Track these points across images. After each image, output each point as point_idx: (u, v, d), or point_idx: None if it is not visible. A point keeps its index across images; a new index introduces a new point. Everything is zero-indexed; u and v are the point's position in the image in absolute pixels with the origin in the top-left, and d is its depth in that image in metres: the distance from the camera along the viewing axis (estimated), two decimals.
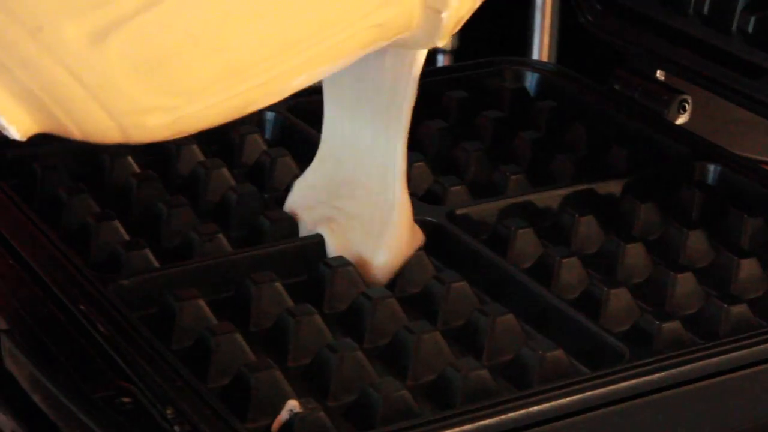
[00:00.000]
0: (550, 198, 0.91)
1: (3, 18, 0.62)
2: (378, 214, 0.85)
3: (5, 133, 0.68)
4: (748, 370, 0.76)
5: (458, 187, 0.95)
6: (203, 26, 0.65)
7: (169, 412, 0.69)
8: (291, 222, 0.89)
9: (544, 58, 2.24)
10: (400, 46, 0.78)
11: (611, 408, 0.73)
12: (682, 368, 0.75)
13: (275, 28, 0.67)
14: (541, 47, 2.68)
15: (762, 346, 0.77)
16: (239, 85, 0.68)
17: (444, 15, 0.75)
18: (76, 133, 0.68)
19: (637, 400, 0.73)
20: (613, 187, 0.95)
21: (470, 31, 2.70)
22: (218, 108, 0.69)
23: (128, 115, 0.67)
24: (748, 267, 0.87)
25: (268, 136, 1.04)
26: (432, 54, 3.00)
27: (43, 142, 0.95)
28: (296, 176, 0.92)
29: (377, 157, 0.86)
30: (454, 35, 2.85)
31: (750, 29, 1.00)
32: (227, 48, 0.66)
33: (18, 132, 0.67)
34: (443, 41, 0.79)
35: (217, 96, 0.68)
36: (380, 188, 0.86)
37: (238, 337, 0.76)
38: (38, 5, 0.62)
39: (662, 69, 1.07)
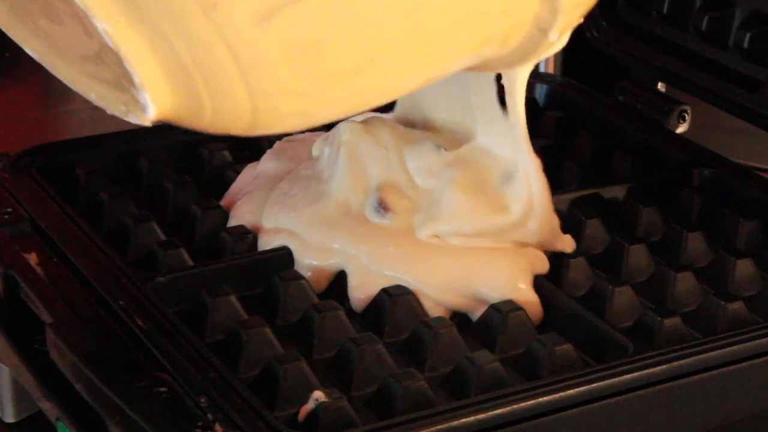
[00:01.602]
0: (558, 202, 0.90)
1: None
2: None
3: (127, 116, 0.68)
4: (744, 364, 0.76)
5: None
6: (356, 13, 0.64)
7: (202, 400, 0.69)
8: None
9: (550, 71, 2.24)
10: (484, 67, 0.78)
11: (616, 398, 0.73)
12: (683, 361, 0.74)
13: (415, 20, 0.67)
14: (547, 61, 2.69)
15: (757, 341, 0.77)
16: (370, 75, 0.68)
17: (550, 34, 0.74)
18: (207, 117, 0.67)
19: (640, 391, 0.73)
20: (618, 192, 0.95)
21: None
22: (343, 100, 0.69)
23: (268, 98, 0.66)
24: (744, 267, 0.87)
25: None
26: None
27: (85, 149, 0.96)
28: None
29: None
30: None
31: (745, 44, 1.00)
32: (372, 36, 0.65)
33: (155, 112, 0.66)
34: (534, 63, 0.79)
35: (348, 86, 0.68)
36: None
37: (267, 331, 0.76)
38: None
39: (663, 81, 1.07)
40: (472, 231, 0.84)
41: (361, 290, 0.83)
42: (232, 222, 0.89)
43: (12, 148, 0.94)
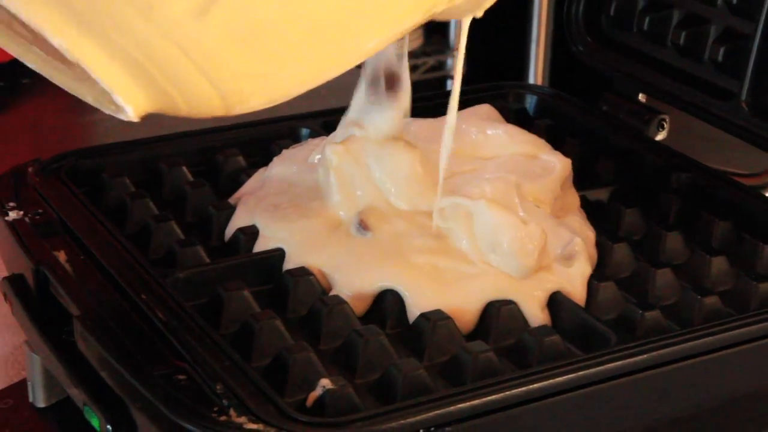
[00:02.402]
0: None
1: None
2: None
3: (118, 115, 0.67)
4: (719, 353, 0.76)
5: None
6: None
7: (218, 387, 0.69)
8: None
9: (539, 83, 2.23)
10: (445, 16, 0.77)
11: (601, 385, 0.72)
12: (662, 351, 0.74)
13: None
14: (536, 73, 2.69)
15: (731, 333, 0.77)
16: (321, 46, 0.67)
17: None
18: (183, 107, 0.67)
19: (623, 379, 0.73)
20: (602, 194, 0.95)
21: (476, 60, 2.71)
22: (304, 73, 0.69)
23: (228, 82, 0.66)
24: (718, 264, 0.87)
25: None
26: (443, 79, 3.01)
27: (109, 155, 0.96)
28: None
29: None
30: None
31: (719, 58, 1.00)
32: (311, 8, 0.65)
33: (133, 112, 0.66)
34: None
35: (303, 60, 0.67)
36: None
37: (278, 323, 0.76)
38: None
39: (644, 92, 1.07)
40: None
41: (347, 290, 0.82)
42: (235, 217, 0.89)
43: (42, 155, 0.94)
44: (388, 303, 0.81)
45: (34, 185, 0.90)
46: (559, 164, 0.90)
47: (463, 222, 0.82)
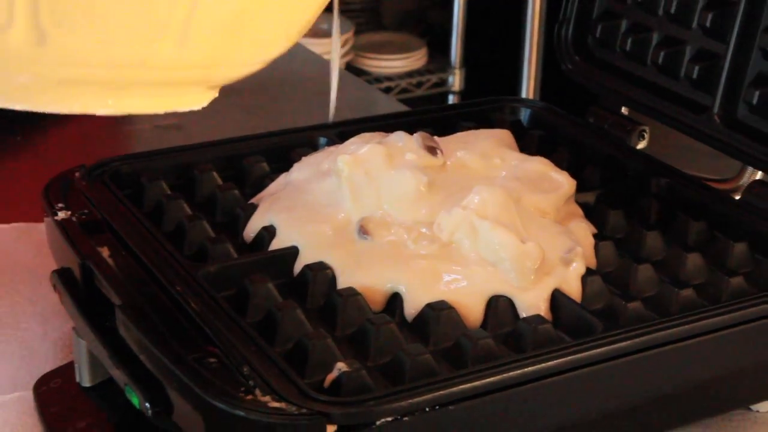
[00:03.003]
0: None
1: None
2: None
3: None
4: (694, 340, 0.76)
5: None
6: None
7: (245, 369, 0.69)
8: None
9: (531, 97, 2.23)
10: None
11: (588, 369, 0.73)
12: (643, 338, 0.74)
13: None
14: (529, 89, 2.69)
15: (705, 322, 0.76)
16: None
17: None
18: None
19: (608, 363, 0.73)
20: (589, 197, 0.94)
21: (476, 77, 2.69)
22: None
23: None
24: (693, 260, 0.86)
25: None
26: (445, 94, 3.01)
27: (148, 161, 0.96)
28: None
29: None
30: (461, 80, 2.85)
31: (694, 76, 1.00)
32: None
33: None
34: None
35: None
36: None
37: (299, 312, 0.76)
38: None
39: (626, 106, 1.06)
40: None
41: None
42: (256, 216, 0.89)
43: (88, 161, 0.93)
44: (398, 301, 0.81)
45: (81, 188, 0.90)
46: (566, 184, 0.89)
47: (466, 233, 0.82)
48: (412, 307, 0.79)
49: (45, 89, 0.71)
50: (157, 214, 0.90)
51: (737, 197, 0.95)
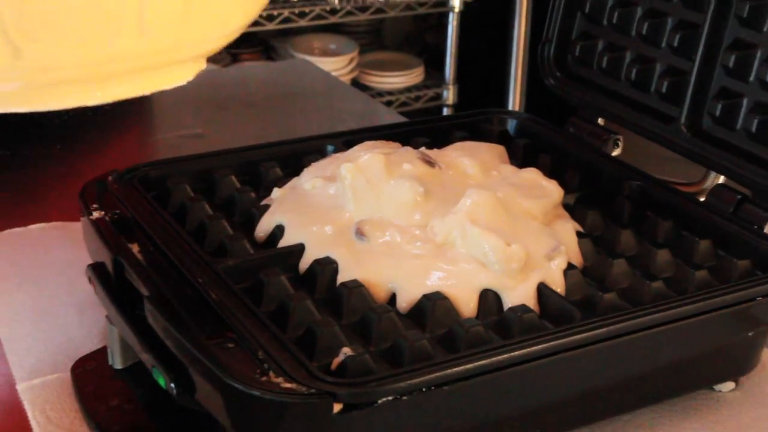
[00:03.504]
0: None
1: None
2: None
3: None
4: (664, 327, 0.76)
5: None
6: None
7: (260, 354, 0.69)
8: None
9: (517, 109, 2.23)
10: None
11: (568, 353, 0.72)
12: (618, 326, 0.74)
13: None
14: (514, 102, 2.69)
15: (673, 311, 0.76)
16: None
17: None
18: None
19: (586, 348, 0.73)
20: (569, 199, 0.94)
21: (467, 91, 2.69)
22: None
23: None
24: (663, 255, 0.86)
25: None
26: (440, 107, 3.01)
27: (173, 166, 0.96)
28: None
29: None
30: (455, 94, 2.85)
31: (664, 90, 1.00)
32: None
33: None
34: None
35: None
36: None
37: (309, 302, 0.76)
38: None
39: (602, 117, 1.06)
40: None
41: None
42: (267, 216, 0.88)
43: (119, 166, 0.93)
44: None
45: (113, 191, 0.90)
46: (555, 192, 0.89)
47: (458, 235, 0.81)
48: (405, 300, 0.78)
49: (35, 93, 0.71)
50: (181, 214, 0.90)
51: (702, 199, 0.95)
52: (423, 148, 0.96)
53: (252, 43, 2.94)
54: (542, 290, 0.80)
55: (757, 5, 0.92)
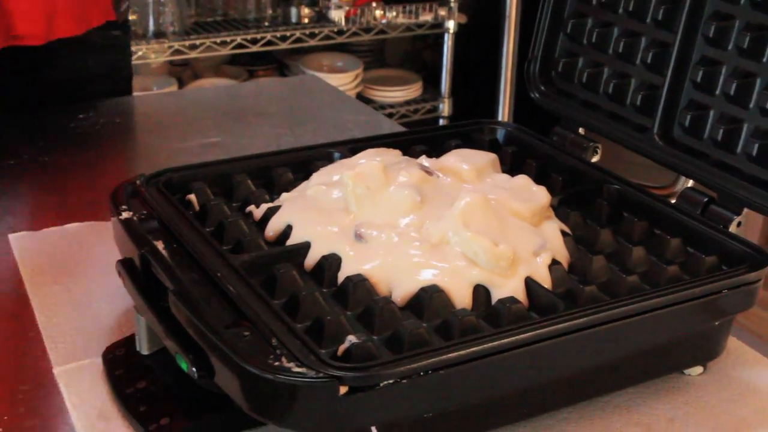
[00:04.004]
0: None
1: None
2: None
3: None
4: (639, 317, 0.76)
5: None
6: None
7: (273, 341, 0.69)
8: None
9: (506, 120, 2.22)
10: None
11: (552, 340, 0.72)
12: (597, 315, 0.74)
13: None
14: (503, 113, 2.68)
15: (647, 302, 0.76)
16: None
17: None
18: None
19: (569, 336, 0.73)
20: (553, 201, 0.93)
21: (461, 104, 2.69)
22: None
23: None
24: (638, 252, 0.86)
25: None
26: (436, 118, 3.00)
27: (195, 171, 0.95)
28: None
29: None
30: (449, 106, 2.85)
31: (638, 102, 0.99)
32: None
33: None
34: None
35: None
36: None
37: (317, 294, 0.76)
38: None
39: (583, 127, 1.06)
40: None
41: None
42: (277, 216, 0.87)
43: (146, 171, 0.93)
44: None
45: (140, 194, 0.89)
46: (543, 197, 0.88)
47: (451, 236, 0.80)
48: (402, 293, 0.77)
49: None
50: (202, 214, 0.89)
51: (672, 201, 0.94)
52: (424, 157, 0.95)
53: (267, 61, 2.94)
54: (529, 284, 0.79)
55: (722, 26, 0.91)
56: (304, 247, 0.82)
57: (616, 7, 1.02)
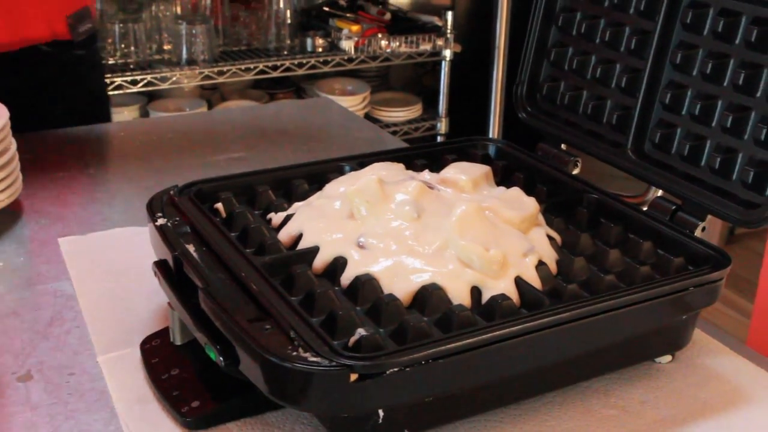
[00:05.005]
0: None
1: None
2: None
3: None
4: (615, 312, 0.75)
5: None
6: None
7: (291, 333, 0.68)
8: None
9: (496, 137, 2.21)
10: None
11: (538, 333, 0.71)
12: (579, 310, 0.73)
13: None
14: (494, 130, 2.68)
15: (623, 299, 0.75)
16: None
17: None
18: None
19: (554, 328, 0.72)
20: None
21: (456, 122, 2.67)
22: None
23: None
24: (614, 254, 0.85)
25: None
26: (434, 135, 2.99)
27: (223, 183, 0.94)
28: None
29: None
30: (446, 125, 2.84)
31: (613, 121, 0.98)
32: None
33: None
34: None
35: None
36: None
37: (331, 291, 0.75)
38: None
39: (565, 143, 1.05)
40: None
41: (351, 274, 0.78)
42: (289, 223, 0.86)
43: (179, 182, 0.92)
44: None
45: (174, 202, 0.89)
46: (533, 207, 0.87)
47: (447, 244, 0.79)
48: (404, 292, 0.76)
49: None
50: (228, 221, 0.89)
51: (645, 209, 0.93)
52: (426, 171, 0.94)
53: (286, 86, 2.94)
54: (519, 282, 0.78)
55: (688, 54, 0.91)
56: (314, 251, 0.81)
57: (594, 37, 1.01)
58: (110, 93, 2.38)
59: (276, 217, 0.89)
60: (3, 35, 1.24)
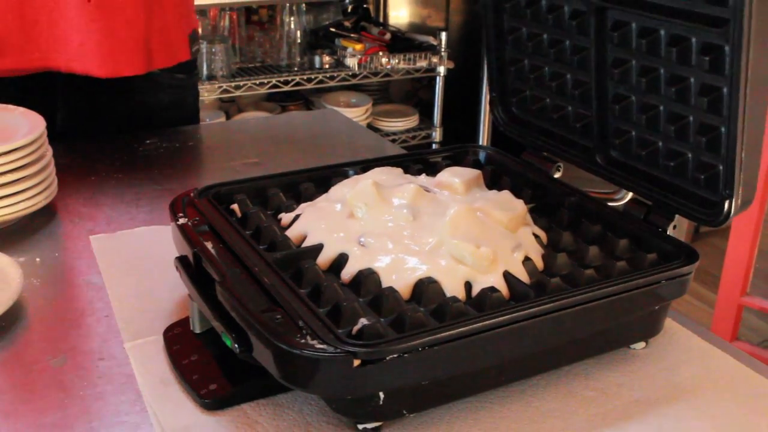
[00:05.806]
0: None
1: None
2: None
3: None
4: (594, 303, 0.74)
5: None
6: None
7: (300, 322, 0.67)
8: None
9: (485, 144, 2.19)
10: None
11: (525, 322, 0.70)
12: (561, 302, 0.72)
13: None
14: (483, 138, 2.66)
15: (601, 291, 0.74)
16: None
17: None
18: None
19: (538, 318, 0.71)
20: None
21: (449, 131, 2.65)
22: None
23: None
24: (593, 250, 0.84)
25: None
26: (430, 143, 2.97)
27: (238, 185, 0.93)
28: None
29: None
30: (440, 134, 2.82)
31: (579, 129, 0.97)
32: None
33: None
34: None
35: None
36: None
37: (336, 284, 0.74)
38: None
39: (546, 151, 1.03)
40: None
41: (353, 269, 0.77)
42: (296, 222, 0.85)
43: (199, 185, 0.91)
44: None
45: (194, 203, 0.88)
46: (520, 208, 0.86)
47: (441, 243, 0.78)
48: (401, 286, 0.75)
49: None
50: (243, 220, 0.88)
51: (621, 205, 0.92)
52: (423, 175, 0.93)
53: (296, 98, 2.94)
54: (507, 277, 0.77)
55: (624, 69, 0.87)
56: (317, 248, 0.80)
57: (542, 53, 0.98)
58: None
59: (286, 217, 0.88)
60: (161, 61, 1.24)
